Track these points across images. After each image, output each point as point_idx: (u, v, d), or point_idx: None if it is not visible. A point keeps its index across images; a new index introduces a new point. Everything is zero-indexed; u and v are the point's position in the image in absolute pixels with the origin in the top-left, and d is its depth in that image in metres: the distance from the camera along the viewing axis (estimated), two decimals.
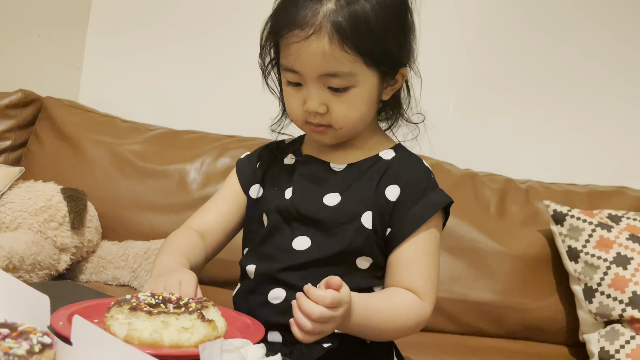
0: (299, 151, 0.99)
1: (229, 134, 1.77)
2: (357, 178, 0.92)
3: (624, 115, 1.81)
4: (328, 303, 0.73)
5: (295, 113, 0.91)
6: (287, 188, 0.93)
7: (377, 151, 0.95)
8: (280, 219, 0.92)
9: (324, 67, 0.85)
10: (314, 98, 0.88)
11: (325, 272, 0.84)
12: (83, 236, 1.51)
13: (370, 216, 0.89)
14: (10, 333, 0.56)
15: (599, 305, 1.40)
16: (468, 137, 1.86)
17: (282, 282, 0.89)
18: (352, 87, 0.87)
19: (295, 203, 0.91)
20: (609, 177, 1.73)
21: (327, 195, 0.91)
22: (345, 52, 0.84)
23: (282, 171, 0.96)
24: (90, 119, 1.79)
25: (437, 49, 1.83)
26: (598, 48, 1.81)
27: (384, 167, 0.92)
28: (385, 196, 0.90)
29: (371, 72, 0.88)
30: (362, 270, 0.90)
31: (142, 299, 0.73)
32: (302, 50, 0.85)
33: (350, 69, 0.85)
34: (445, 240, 1.59)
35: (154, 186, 1.68)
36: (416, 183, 0.91)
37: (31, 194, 1.48)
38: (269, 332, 0.89)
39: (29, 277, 1.35)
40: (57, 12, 1.94)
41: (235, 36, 1.91)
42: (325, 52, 0.84)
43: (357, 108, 0.88)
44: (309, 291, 0.73)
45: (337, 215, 0.89)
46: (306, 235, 0.90)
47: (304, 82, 0.88)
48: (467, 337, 1.54)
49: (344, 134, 0.91)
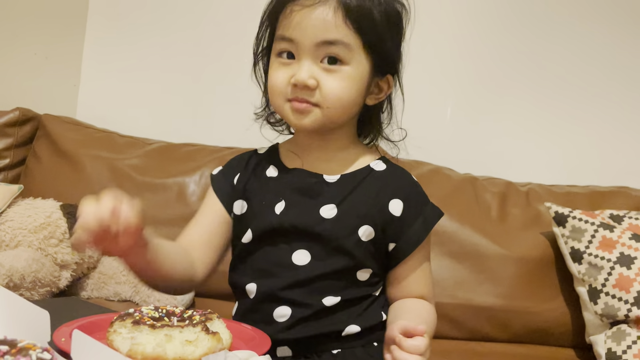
0: (279, 162, 0.96)
1: (228, 145, 1.77)
2: (352, 190, 0.91)
3: (622, 116, 1.81)
4: (423, 351, 0.75)
5: (279, 88, 0.88)
6: (277, 202, 0.91)
7: (366, 162, 0.94)
8: (274, 234, 0.90)
9: (323, 34, 0.85)
10: (305, 69, 0.85)
11: (328, 287, 0.87)
12: (83, 252, 1.50)
13: (369, 230, 0.89)
14: (9, 350, 0.56)
15: (605, 306, 1.40)
16: (467, 142, 1.86)
17: (286, 300, 0.88)
18: (345, 65, 0.86)
19: (289, 217, 0.90)
20: (609, 178, 1.73)
21: (323, 207, 0.89)
22: (347, 26, 0.85)
23: (266, 184, 0.94)
24: (89, 135, 1.79)
25: (434, 54, 1.83)
26: (596, 50, 1.82)
27: (379, 179, 0.92)
28: (390, 211, 0.90)
29: (365, 56, 0.88)
30: (361, 281, 0.91)
31: (145, 312, 0.72)
32: (304, 17, 0.85)
33: (348, 41, 0.85)
34: (448, 245, 1.59)
35: (153, 200, 1.67)
36: (415, 197, 0.92)
37: (31, 211, 1.47)
38: (277, 348, 0.88)
39: (30, 294, 1.34)
40: (53, 29, 1.94)
41: (231, 48, 1.91)
42: (328, 19, 0.84)
43: (347, 88, 0.87)
44: (401, 342, 0.75)
45: (335, 228, 0.88)
46: (305, 249, 0.89)
47: (297, 53, 0.87)
48: (473, 343, 1.53)
49: (328, 115, 0.87)
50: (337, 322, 0.88)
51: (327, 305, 0.87)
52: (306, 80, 0.85)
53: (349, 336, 0.88)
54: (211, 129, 1.91)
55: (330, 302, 0.87)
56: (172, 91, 1.98)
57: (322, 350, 0.88)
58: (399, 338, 0.75)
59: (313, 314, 0.87)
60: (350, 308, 0.87)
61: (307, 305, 0.87)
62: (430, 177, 1.67)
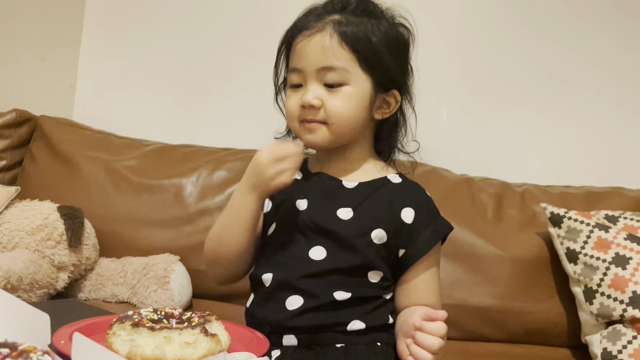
0: (305, 168, 1.05)
1: (225, 146, 1.77)
2: (368, 196, 0.98)
3: (618, 116, 1.82)
4: (444, 333, 0.81)
5: (292, 112, 0.98)
6: (300, 200, 0.99)
7: (383, 174, 1.01)
8: (296, 230, 0.97)
9: (322, 60, 0.94)
10: (310, 91, 0.95)
11: (340, 281, 0.93)
12: (81, 254, 1.50)
13: (381, 233, 0.95)
14: (10, 353, 0.56)
15: (600, 306, 1.40)
16: (463, 143, 1.87)
17: (299, 289, 0.94)
18: (345, 85, 0.95)
19: (311, 215, 0.97)
20: (604, 178, 1.74)
21: (340, 209, 0.97)
22: (342, 49, 0.94)
23: (292, 185, 1.00)
24: (85, 137, 1.79)
25: (430, 56, 1.83)
26: (592, 50, 1.82)
27: (394, 189, 0.99)
28: (402, 218, 0.97)
29: (365, 76, 0.96)
30: (372, 282, 0.96)
31: (144, 314, 0.72)
32: (305, 45, 0.96)
33: (345, 65, 0.94)
34: (444, 246, 1.57)
35: (150, 201, 1.67)
36: (428, 208, 1.00)
37: (27, 213, 1.47)
38: (283, 337, 0.93)
39: (28, 296, 1.34)
40: (50, 31, 1.94)
41: (228, 49, 1.92)
42: (325, 45, 0.94)
43: (349, 105, 0.95)
44: (422, 326, 0.82)
45: (350, 229, 0.95)
46: (321, 246, 0.95)
47: (304, 80, 0.96)
48: (469, 343, 1.53)
49: (335, 131, 0.96)
50: (344, 316, 0.93)
51: (337, 299, 0.93)
52: (311, 101, 0.95)
53: (353, 332, 0.93)
54: (208, 130, 1.91)
55: (341, 296, 0.93)
56: (169, 92, 1.98)
57: (326, 343, 0.92)
58: (420, 322, 0.82)
59: (323, 305, 0.92)
60: (359, 305, 0.93)
61: (318, 296, 0.93)
62: (427, 178, 1.67)
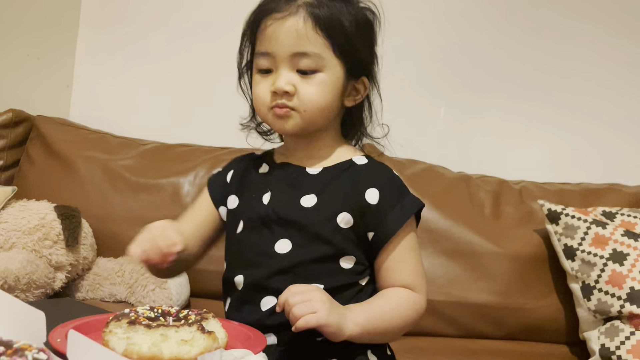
0: (272, 161, 1.02)
1: (222, 145, 1.77)
2: (332, 180, 0.95)
3: (614, 113, 1.82)
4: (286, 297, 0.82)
5: (262, 98, 0.94)
6: (265, 194, 0.96)
7: (349, 157, 0.98)
8: (260, 224, 0.94)
9: (296, 46, 0.91)
10: (282, 77, 0.92)
11: (312, 274, 0.90)
12: (78, 253, 1.50)
13: (347, 217, 0.92)
14: (5, 350, 0.56)
15: (598, 302, 1.41)
16: (460, 141, 1.87)
17: (270, 289, 0.91)
18: (319, 72, 0.92)
19: (274, 207, 0.94)
20: (602, 175, 1.74)
21: (304, 197, 0.94)
22: (317, 34, 0.91)
23: (258, 180, 0.99)
24: (82, 136, 1.79)
25: (426, 55, 1.84)
26: (588, 48, 1.82)
27: (359, 171, 0.96)
28: (366, 200, 0.93)
29: (338, 62, 0.93)
30: (345, 269, 0.93)
31: (140, 312, 0.72)
32: (277, 30, 0.91)
33: (319, 51, 0.91)
34: (442, 243, 1.60)
35: (147, 201, 1.67)
36: (393, 187, 0.95)
37: (24, 213, 1.47)
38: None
39: (25, 296, 1.34)
40: (46, 30, 1.93)
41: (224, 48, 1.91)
42: (299, 30, 0.90)
43: (322, 92, 0.92)
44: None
45: (313, 216, 0.92)
46: (286, 238, 0.93)
47: (274, 65, 0.92)
48: (467, 340, 1.54)
49: (307, 118, 0.93)
50: None
51: None
52: (284, 87, 0.91)
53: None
54: (205, 130, 1.91)
55: None
56: (166, 91, 1.97)
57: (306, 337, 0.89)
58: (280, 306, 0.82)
59: None
60: (334, 296, 0.88)
61: None
62: (424, 176, 1.67)
